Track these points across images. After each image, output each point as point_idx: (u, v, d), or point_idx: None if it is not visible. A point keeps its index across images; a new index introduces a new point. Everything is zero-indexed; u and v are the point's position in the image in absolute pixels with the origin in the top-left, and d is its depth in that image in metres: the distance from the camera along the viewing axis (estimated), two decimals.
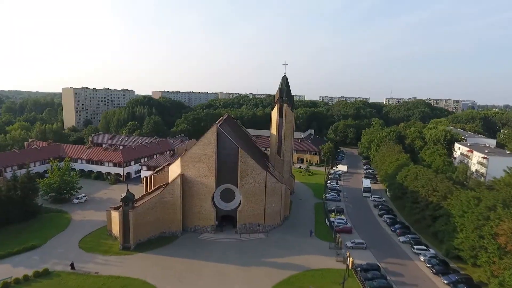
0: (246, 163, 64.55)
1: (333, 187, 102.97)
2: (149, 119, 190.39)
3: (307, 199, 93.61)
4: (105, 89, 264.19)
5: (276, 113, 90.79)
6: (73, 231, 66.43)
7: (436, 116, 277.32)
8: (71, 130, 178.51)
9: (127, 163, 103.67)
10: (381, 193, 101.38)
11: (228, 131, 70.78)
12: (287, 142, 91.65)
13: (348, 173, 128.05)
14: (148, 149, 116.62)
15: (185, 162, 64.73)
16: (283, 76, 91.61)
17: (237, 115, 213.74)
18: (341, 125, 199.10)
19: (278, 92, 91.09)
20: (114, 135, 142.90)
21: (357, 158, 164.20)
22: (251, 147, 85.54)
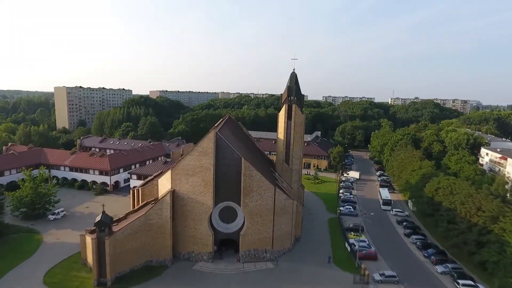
0: (251, 177, 52.90)
1: (347, 198, 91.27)
2: (145, 120, 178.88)
3: (319, 213, 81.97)
4: (100, 88, 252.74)
5: (284, 115, 79.08)
6: (40, 258, 54.83)
7: (445, 117, 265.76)
8: (61, 132, 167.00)
9: (115, 171, 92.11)
10: (402, 206, 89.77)
11: (228, 136, 59.22)
12: (296, 148, 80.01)
13: (360, 181, 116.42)
14: (140, 154, 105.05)
15: (176, 175, 53.14)
16: (292, 73, 79.97)
17: (238, 115, 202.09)
18: (349, 127, 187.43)
19: (286, 90, 79.49)
20: (105, 138, 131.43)
21: (368, 162, 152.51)
22: (255, 155, 73.84)
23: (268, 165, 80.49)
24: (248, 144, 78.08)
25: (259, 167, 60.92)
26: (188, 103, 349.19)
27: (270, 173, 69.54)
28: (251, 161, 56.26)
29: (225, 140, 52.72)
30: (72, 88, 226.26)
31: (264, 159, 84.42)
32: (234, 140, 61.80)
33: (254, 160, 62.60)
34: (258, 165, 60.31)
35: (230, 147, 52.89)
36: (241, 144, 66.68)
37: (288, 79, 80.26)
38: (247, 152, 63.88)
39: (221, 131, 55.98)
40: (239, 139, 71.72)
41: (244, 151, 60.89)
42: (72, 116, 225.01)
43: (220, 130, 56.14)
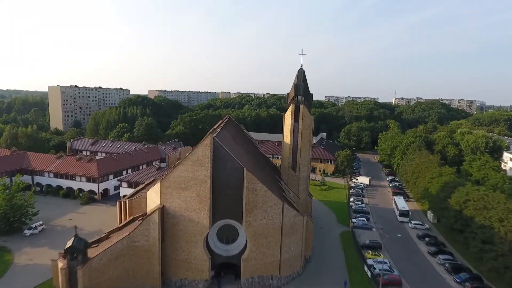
0: (254, 191, 44.56)
1: (359, 208, 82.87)
2: (141, 120, 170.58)
3: (330, 226, 73.60)
4: (96, 87, 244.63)
5: (290, 116, 70.72)
6: (8, 284, 46.63)
7: (453, 118, 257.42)
8: (52, 133, 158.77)
9: (103, 177, 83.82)
10: (419, 217, 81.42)
11: (228, 142, 50.94)
12: (304, 154, 71.63)
13: (371, 187, 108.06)
14: (133, 158, 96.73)
15: (166, 189, 44.83)
16: (299, 70, 71.63)
17: (239, 116, 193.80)
18: (354, 128, 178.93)
19: (292, 89, 71.17)
20: (96, 140, 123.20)
21: (376, 166, 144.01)
22: (259, 163, 65.41)
23: (273, 173, 72.20)
24: (250, 150, 69.71)
25: (264, 177, 52.63)
26: (187, 103, 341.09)
27: (276, 183, 61.22)
28: (255, 171, 47.95)
29: (224, 147, 44.38)
30: (66, 87, 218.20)
31: (268, 165, 76.05)
32: (235, 146, 53.54)
33: (258, 169, 54.34)
34: (262, 175, 52.03)
35: (230, 155, 44.55)
36: (242, 150, 58.33)
37: (295, 77, 71.91)
38: (249, 159, 55.53)
39: (220, 136, 47.64)
40: (240, 144, 63.42)
41: (246, 158, 52.57)
42: (67, 116, 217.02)
43: (219, 135, 47.78)
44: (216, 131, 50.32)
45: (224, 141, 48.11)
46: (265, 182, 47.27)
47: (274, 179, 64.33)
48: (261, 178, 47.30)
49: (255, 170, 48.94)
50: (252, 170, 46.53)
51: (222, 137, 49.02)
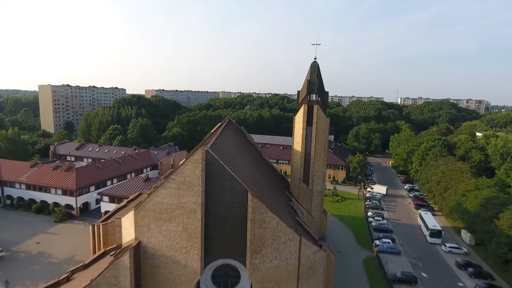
0: (263, 224, 32.82)
1: (380, 226, 71.04)
2: (135, 121, 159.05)
3: (349, 249, 61.75)
4: (90, 86, 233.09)
5: (302, 119, 59.14)
6: None
7: (464, 118, 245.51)
8: (39, 136, 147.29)
9: (84, 189, 72.19)
10: (451, 235, 69.63)
11: (227, 153, 39.24)
12: (318, 164, 60.00)
13: (388, 197, 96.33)
14: (120, 166, 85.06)
15: (143, 220, 33.14)
16: (313, 63, 59.97)
17: (240, 117, 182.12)
18: (364, 130, 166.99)
19: (304, 86, 59.54)
20: (82, 144, 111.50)
21: (389, 171, 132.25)
22: (266, 177, 53.52)
23: (281, 187, 60.50)
24: (254, 160, 57.89)
25: (274, 198, 40.93)
26: (186, 103, 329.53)
27: (287, 203, 49.52)
28: (263, 193, 36.23)
29: (220, 163, 32.66)
30: (58, 86, 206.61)
31: (275, 177, 64.24)
32: (236, 159, 41.76)
33: (266, 189, 42.58)
34: (272, 197, 40.32)
35: (230, 173, 32.82)
36: (245, 162, 46.55)
37: (308, 71, 60.27)
38: (254, 176, 43.74)
39: (216, 147, 35.90)
40: (242, 153, 51.68)
41: (250, 175, 40.84)
42: (58, 117, 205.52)
43: (214, 145, 36.01)
44: (211, 140, 38.59)
45: (222, 152, 36.40)
46: (277, 208, 35.58)
47: (283, 197, 52.63)
48: (271, 202, 35.67)
49: (263, 192, 37.24)
50: (260, 192, 34.84)
51: (218, 147, 37.28)
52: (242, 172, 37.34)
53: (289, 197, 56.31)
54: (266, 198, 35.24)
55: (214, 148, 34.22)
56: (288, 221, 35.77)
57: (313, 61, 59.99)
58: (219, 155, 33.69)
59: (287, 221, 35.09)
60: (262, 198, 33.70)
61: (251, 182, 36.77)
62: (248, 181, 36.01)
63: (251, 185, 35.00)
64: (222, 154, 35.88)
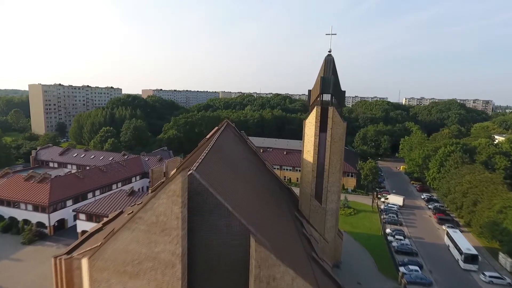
0: (272, 281, 22.86)
1: (403, 247, 61.03)
2: (129, 123, 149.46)
3: (369, 278, 51.77)
4: (84, 86, 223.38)
5: (314, 124, 49.31)
6: None
7: (474, 119, 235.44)
8: (25, 139, 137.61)
9: (59, 204, 62.37)
10: (486, 259, 59.66)
11: (219, 175, 29.36)
12: (333, 177, 50.15)
13: (405, 208, 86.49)
14: (104, 175, 75.23)
15: (100, 274, 23.26)
16: (327, 57, 50.06)
17: (240, 118, 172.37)
18: (372, 132, 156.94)
19: (317, 84, 49.69)
20: (67, 149, 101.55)
21: (401, 177, 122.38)
22: (272, 200, 43.50)
23: (289, 204, 50.63)
24: (257, 174, 48.09)
25: (286, 233, 31.09)
26: (185, 103, 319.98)
27: (298, 230, 39.66)
28: (272, 232, 26.32)
29: (212, 192, 22.77)
30: (49, 85, 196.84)
31: (281, 192, 54.29)
32: (233, 180, 31.83)
33: (275, 220, 32.71)
34: (283, 232, 30.44)
35: (225, 207, 22.93)
36: (246, 182, 36.66)
37: (321, 66, 50.40)
38: (259, 201, 33.83)
39: (205, 167, 25.97)
40: (242, 169, 41.84)
41: (253, 203, 30.93)
42: (50, 118, 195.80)
43: (204, 165, 26.06)
44: (201, 156, 28.68)
45: (214, 174, 26.53)
46: (290, 251, 25.67)
47: (293, 222, 42.75)
48: (282, 243, 25.77)
49: (271, 228, 27.33)
50: (268, 231, 24.95)
51: (209, 167, 27.36)
52: (242, 201, 27.47)
53: (300, 219, 46.46)
54: (276, 239, 25.36)
55: (203, 170, 24.34)
56: (306, 269, 25.87)
57: (327, 54, 50.11)
58: (209, 179, 23.84)
59: (305, 271, 25.18)
60: (271, 241, 23.80)
61: (255, 215, 26.92)
62: (251, 212, 26.17)
63: (255, 220, 25.16)
64: (215, 177, 26.01)
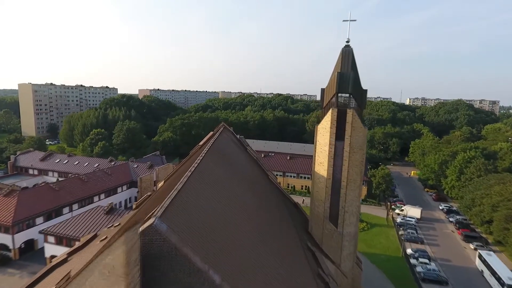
0: None
1: (430, 273, 51.93)
2: (122, 125, 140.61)
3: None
4: (77, 86, 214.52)
5: (329, 130, 40.18)
6: None
7: (483, 121, 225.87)
8: (10, 141, 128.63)
9: (27, 222, 53.35)
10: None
11: (203, 213, 20.27)
12: (352, 195, 41.00)
13: (423, 221, 77.55)
14: (85, 185, 66.14)
15: None
16: (345, 48, 40.78)
17: (240, 119, 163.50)
18: (379, 134, 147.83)
19: (333, 81, 40.51)
20: (49, 154, 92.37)
21: (412, 183, 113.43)
22: (276, 228, 34.41)
23: (296, 226, 41.55)
24: (258, 192, 39.07)
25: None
26: (184, 104, 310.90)
27: (313, 271, 30.67)
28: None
29: (186, 256, 13.79)
30: (40, 85, 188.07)
31: (287, 211, 45.16)
32: (223, 213, 22.73)
33: (281, 271, 23.66)
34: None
35: (208, 277, 13.93)
36: (243, 211, 27.56)
37: (338, 60, 41.24)
38: (261, 242, 24.78)
39: (181, 205, 16.87)
40: (239, 189, 32.79)
41: (253, 248, 21.87)
42: (41, 119, 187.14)
43: (179, 202, 16.97)
44: (175, 190, 19.48)
45: (197, 212, 17.44)
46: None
47: (305, 256, 33.72)
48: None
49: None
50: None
51: (189, 198, 18.26)
52: (235, 243, 18.39)
53: (312, 250, 37.42)
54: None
55: (174, 215, 15.23)
56: None
57: (345, 45, 40.87)
58: (185, 227, 14.77)
59: None
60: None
61: (253, 261, 17.86)
62: (248, 274, 17.07)
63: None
64: (197, 218, 16.88)
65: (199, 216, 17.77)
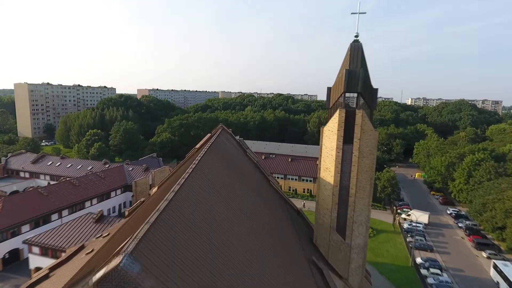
0: None
1: (443, 286, 48.52)
2: (118, 125, 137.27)
3: None
4: (75, 85, 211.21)
5: (336, 132, 36.76)
6: None
7: (487, 121, 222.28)
8: (3, 143, 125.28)
9: (11, 231, 49.96)
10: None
11: (185, 245, 16.81)
12: (361, 204, 37.54)
13: (431, 227, 74.13)
14: (76, 190, 62.71)
15: None
16: (354, 43, 37.28)
17: (240, 120, 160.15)
18: (383, 135, 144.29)
19: (340, 80, 37.03)
20: (42, 156, 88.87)
21: (417, 186, 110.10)
22: (277, 246, 30.95)
23: (301, 238, 38.16)
24: (257, 202, 35.66)
25: None
26: (183, 104, 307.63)
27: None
28: None
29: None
30: (36, 85, 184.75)
31: (292, 218, 41.74)
32: (213, 235, 19.25)
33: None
34: None
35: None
36: (242, 230, 24.08)
37: (346, 56, 37.78)
38: (263, 264, 21.30)
39: (150, 252, 13.43)
40: (236, 201, 29.33)
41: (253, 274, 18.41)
42: (37, 120, 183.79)
43: (152, 241, 13.54)
44: (151, 219, 16.05)
45: (177, 248, 13.99)
46: None
47: (310, 271, 30.35)
48: None
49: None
50: None
51: (175, 219, 14.84)
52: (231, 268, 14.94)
53: (317, 264, 33.99)
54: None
55: (158, 241, 11.82)
56: None
57: (353, 39, 37.42)
58: (170, 260, 11.35)
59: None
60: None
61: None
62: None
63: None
64: (186, 247, 13.44)
65: (188, 244, 14.35)
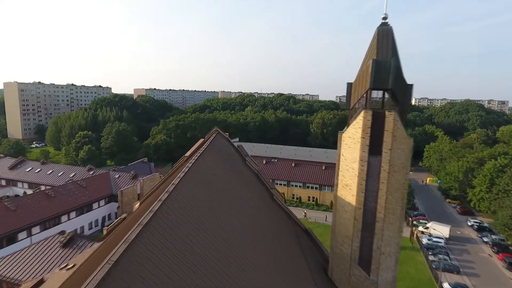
0: None
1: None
2: (111, 127, 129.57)
3: None
4: (68, 85, 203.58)
5: (360, 140, 28.66)
6: None
7: (496, 122, 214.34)
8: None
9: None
10: None
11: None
12: (391, 230, 29.37)
13: (452, 241, 66.23)
14: (51, 202, 54.81)
15: None
16: (381, 26, 29.27)
17: (239, 121, 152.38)
18: None
19: (366, 72, 28.73)
20: (21, 161, 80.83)
21: (430, 192, 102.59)
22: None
23: (308, 262, 30.13)
24: (261, 230, 27.47)
25: None
26: (181, 104, 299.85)
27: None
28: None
29: None
30: (27, 84, 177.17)
31: (300, 243, 33.72)
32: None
33: None
34: None
35: None
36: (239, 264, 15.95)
37: (371, 44, 29.44)
38: None
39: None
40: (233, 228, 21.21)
41: None
42: (27, 120, 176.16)
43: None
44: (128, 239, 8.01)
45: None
46: None
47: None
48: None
49: None
50: None
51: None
52: None
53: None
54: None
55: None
56: None
57: (381, 22, 29.32)
58: None
59: None
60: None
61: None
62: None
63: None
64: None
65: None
